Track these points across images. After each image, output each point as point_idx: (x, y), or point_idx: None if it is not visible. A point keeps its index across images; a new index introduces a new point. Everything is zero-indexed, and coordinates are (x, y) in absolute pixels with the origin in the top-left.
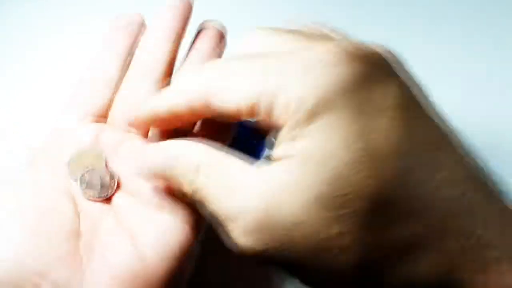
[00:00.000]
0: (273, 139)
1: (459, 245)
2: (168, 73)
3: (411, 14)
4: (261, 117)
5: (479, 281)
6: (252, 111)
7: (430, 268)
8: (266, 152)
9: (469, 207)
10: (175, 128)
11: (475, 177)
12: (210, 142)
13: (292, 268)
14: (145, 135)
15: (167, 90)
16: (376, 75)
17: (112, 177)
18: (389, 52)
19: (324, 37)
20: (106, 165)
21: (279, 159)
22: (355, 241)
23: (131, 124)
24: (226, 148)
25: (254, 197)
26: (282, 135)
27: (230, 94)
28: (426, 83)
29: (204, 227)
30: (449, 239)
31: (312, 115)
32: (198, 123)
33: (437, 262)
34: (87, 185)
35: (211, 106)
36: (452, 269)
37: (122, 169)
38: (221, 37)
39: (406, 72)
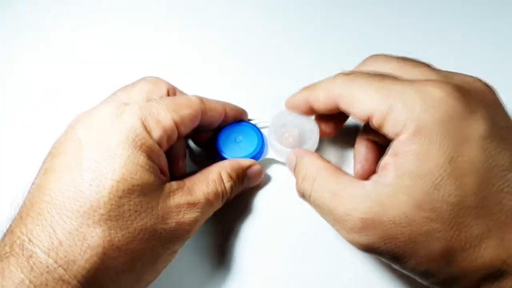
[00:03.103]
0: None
1: None
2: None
3: None
4: (374, 125)
5: None
6: (367, 120)
7: (494, 255)
8: (266, 147)
9: None
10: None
11: None
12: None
13: (392, 256)
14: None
15: (313, 87)
16: (468, 111)
17: None
18: (485, 85)
19: (425, 68)
20: None
21: (382, 168)
22: (441, 233)
23: (286, 105)
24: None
25: (360, 204)
26: (389, 148)
27: (353, 104)
28: None
29: None
30: (509, 233)
31: (412, 138)
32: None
33: (498, 251)
34: None
35: (339, 107)
36: (508, 258)
37: None
38: None
39: (497, 104)
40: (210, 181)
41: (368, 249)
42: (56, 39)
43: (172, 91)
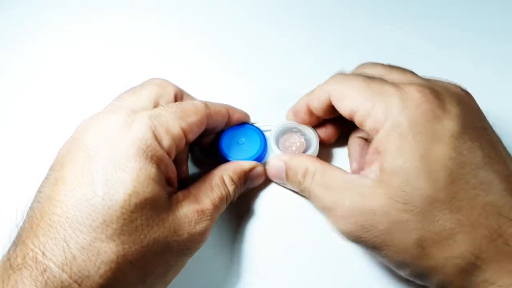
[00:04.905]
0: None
1: (487, 236)
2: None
3: None
4: (356, 122)
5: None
6: (350, 117)
7: (465, 250)
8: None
9: (497, 208)
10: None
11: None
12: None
13: (372, 245)
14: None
15: (311, 91)
16: (442, 112)
17: None
18: (462, 90)
19: (410, 74)
20: None
21: (368, 163)
22: (414, 225)
23: (287, 117)
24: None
25: (346, 195)
26: (371, 147)
27: (341, 101)
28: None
29: None
30: (481, 229)
31: (388, 136)
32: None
33: (469, 246)
34: None
35: (333, 105)
36: (480, 253)
37: None
38: None
39: (473, 108)
40: (214, 186)
41: (352, 237)
42: (57, 39)
43: (179, 95)
